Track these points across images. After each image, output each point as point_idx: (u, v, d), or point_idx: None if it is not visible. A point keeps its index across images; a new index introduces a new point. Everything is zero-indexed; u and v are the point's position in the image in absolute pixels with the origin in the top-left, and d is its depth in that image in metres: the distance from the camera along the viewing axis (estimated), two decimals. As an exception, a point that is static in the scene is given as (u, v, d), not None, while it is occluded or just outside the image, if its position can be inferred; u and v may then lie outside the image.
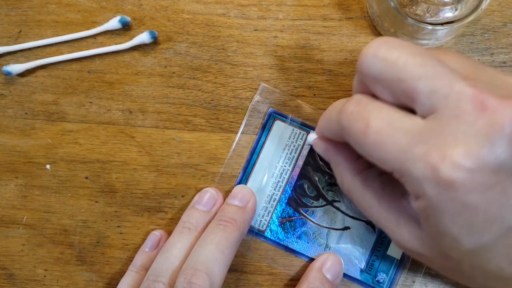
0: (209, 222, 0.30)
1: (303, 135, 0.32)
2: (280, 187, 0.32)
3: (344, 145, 0.27)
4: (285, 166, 0.32)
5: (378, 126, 0.22)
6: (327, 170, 0.32)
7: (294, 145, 0.32)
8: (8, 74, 0.33)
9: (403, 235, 0.25)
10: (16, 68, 0.33)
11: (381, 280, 0.31)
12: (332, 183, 0.32)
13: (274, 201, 0.32)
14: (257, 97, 0.33)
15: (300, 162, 0.32)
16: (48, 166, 0.33)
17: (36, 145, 0.34)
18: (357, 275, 0.31)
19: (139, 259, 0.31)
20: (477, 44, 0.32)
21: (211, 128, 0.33)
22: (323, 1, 0.33)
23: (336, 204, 0.31)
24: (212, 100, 0.33)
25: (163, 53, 0.34)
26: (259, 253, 0.32)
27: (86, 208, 0.33)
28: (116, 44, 0.34)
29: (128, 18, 0.33)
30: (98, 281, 0.32)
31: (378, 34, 0.33)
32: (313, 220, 0.32)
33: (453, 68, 0.23)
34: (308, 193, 0.32)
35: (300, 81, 0.33)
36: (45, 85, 0.34)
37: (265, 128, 0.32)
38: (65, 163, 0.33)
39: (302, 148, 0.32)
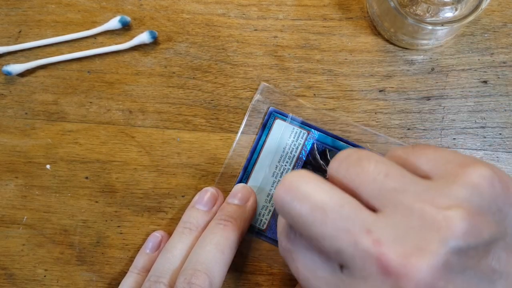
0: (210, 221, 0.30)
1: (303, 134, 0.32)
2: None
3: None
4: (285, 165, 0.32)
5: (305, 275, 0.23)
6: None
7: (295, 144, 0.32)
8: (8, 74, 0.33)
9: None
10: (16, 68, 0.33)
11: None
12: None
13: None
14: (257, 96, 0.33)
15: (301, 162, 0.32)
16: (48, 166, 0.33)
17: (36, 145, 0.34)
18: None
19: (140, 260, 0.31)
20: (477, 44, 0.32)
21: (211, 128, 0.33)
22: (323, 1, 0.33)
23: None
24: (212, 100, 0.33)
25: (163, 53, 0.34)
26: (259, 253, 0.32)
27: (86, 208, 0.33)
28: (116, 44, 0.34)
29: (128, 18, 0.33)
30: (98, 281, 0.32)
31: (378, 34, 0.33)
32: None
33: (370, 191, 0.21)
34: None
35: (300, 81, 0.33)
36: (45, 85, 0.34)
37: (266, 127, 0.32)
38: (65, 163, 0.33)
39: (302, 147, 0.32)
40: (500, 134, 0.31)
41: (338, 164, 0.23)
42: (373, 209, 0.21)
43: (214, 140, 0.33)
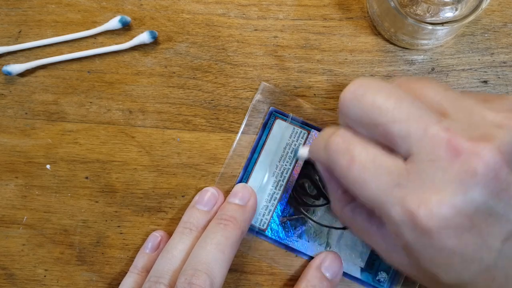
0: (211, 221, 0.30)
1: (304, 134, 0.32)
2: (281, 186, 0.32)
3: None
4: (286, 165, 0.32)
5: (362, 162, 0.23)
6: None
7: (295, 144, 0.32)
8: (8, 74, 0.33)
9: (394, 260, 0.25)
10: (16, 68, 0.33)
11: (382, 279, 0.31)
12: None
13: (274, 200, 0.32)
14: (258, 96, 0.33)
15: (301, 161, 0.32)
16: (48, 166, 0.33)
17: (36, 145, 0.33)
18: (357, 274, 0.31)
19: (140, 260, 0.31)
20: (477, 44, 0.32)
21: (211, 128, 0.33)
22: (323, 1, 0.33)
23: None
24: (212, 100, 0.33)
25: (163, 53, 0.34)
26: (259, 253, 0.32)
27: (86, 208, 0.33)
28: (116, 44, 0.34)
29: (128, 18, 0.33)
30: (98, 281, 0.32)
31: (378, 34, 0.33)
32: (314, 219, 0.32)
33: (432, 101, 0.23)
34: (309, 192, 0.32)
35: (300, 81, 0.33)
36: (45, 85, 0.34)
37: (266, 127, 0.32)
38: (65, 163, 0.33)
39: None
40: (500, 134, 0.31)
41: (400, 80, 0.25)
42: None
43: (214, 140, 0.33)
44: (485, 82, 0.32)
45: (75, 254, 0.33)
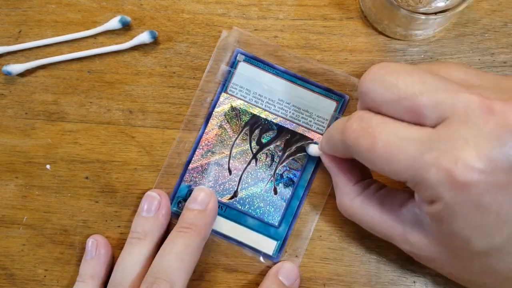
0: (159, 225, 0.31)
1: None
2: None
3: (344, 168, 0.28)
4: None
5: (385, 139, 0.22)
6: None
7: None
8: (8, 74, 0.33)
9: (412, 242, 0.25)
10: (16, 68, 0.33)
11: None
12: None
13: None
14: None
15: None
16: (48, 166, 0.33)
17: (36, 145, 0.34)
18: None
19: (86, 267, 0.31)
20: (478, 44, 0.32)
21: (212, 128, 0.33)
22: (323, 1, 0.33)
23: None
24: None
25: (163, 53, 0.34)
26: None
27: (86, 208, 0.33)
28: (116, 44, 0.34)
29: (128, 18, 0.33)
30: (98, 281, 0.32)
31: (378, 33, 0.33)
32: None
33: (457, 77, 0.23)
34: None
35: (300, 81, 0.33)
36: (45, 85, 0.34)
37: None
38: (65, 163, 0.33)
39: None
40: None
41: (421, 65, 0.26)
42: None
43: (214, 140, 0.33)
44: (486, 82, 0.32)
45: (75, 254, 0.33)
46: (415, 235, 0.25)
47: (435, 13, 0.27)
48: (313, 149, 0.31)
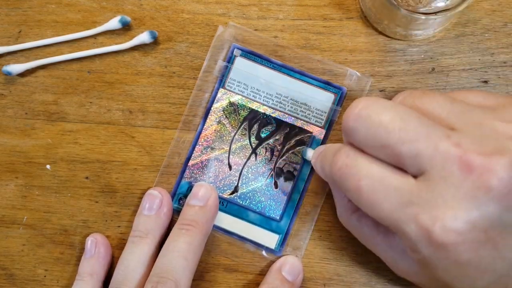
0: (161, 224, 0.31)
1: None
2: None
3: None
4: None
5: (370, 184, 0.23)
6: None
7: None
8: (8, 74, 0.33)
9: (402, 269, 0.26)
10: (16, 68, 0.33)
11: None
12: None
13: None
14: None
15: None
16: (48, 166, 0.33)
17: (36, 145, 0.34)
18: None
19: (84, 265, 0.31)
20: (478, 44, 0.32)
21: (212, 128, 0.33)
22: (323, 1, 0.33)
23: None
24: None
25: (163, 53, 0.34)
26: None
27: (86, 208, 0.33)
28: (116, 44, 0.34)
29: (128, 18, 0.33)
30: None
31: (378, 33, 0.33)
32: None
33: (440, 116, 0.23)
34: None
35: (300, 81, 0.33)
36: (45, 85, 0.34)
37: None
38: (65, 163, 0.33)
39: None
40: (501, 134, 0.31)
41: (404, 97, 0.25)
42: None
43: (214, 140, 0.33)
44: (486, 82, 0.32)
45: (75, 254, 0.33)
46: (404, 263, 0.25)
47: (435, 13, 0.27)
48: (310, 154, 0.31)
